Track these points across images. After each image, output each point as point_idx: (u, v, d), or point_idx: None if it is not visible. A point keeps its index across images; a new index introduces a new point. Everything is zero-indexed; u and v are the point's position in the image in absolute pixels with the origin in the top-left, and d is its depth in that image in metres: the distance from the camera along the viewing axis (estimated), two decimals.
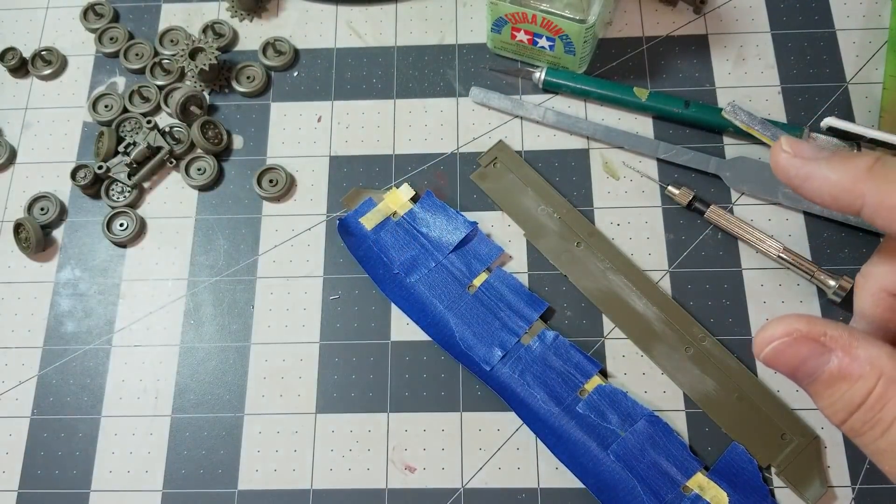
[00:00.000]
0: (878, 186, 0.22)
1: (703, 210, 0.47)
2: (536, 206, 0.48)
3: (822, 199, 0.23)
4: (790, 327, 0.22)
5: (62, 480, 0.44)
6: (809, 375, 0.22)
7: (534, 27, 0.48)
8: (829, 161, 0.23)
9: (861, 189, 0.22)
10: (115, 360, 0.47)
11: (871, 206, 0.22)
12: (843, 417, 0.22)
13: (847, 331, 0.22)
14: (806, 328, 0.22)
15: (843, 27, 0.52)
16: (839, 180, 0.22)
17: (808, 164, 0.23)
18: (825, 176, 0.23)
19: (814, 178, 0.23)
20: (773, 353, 0.23)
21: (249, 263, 0.49)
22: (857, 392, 0.22)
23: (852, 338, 0.22)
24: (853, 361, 0.22)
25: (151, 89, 0.53)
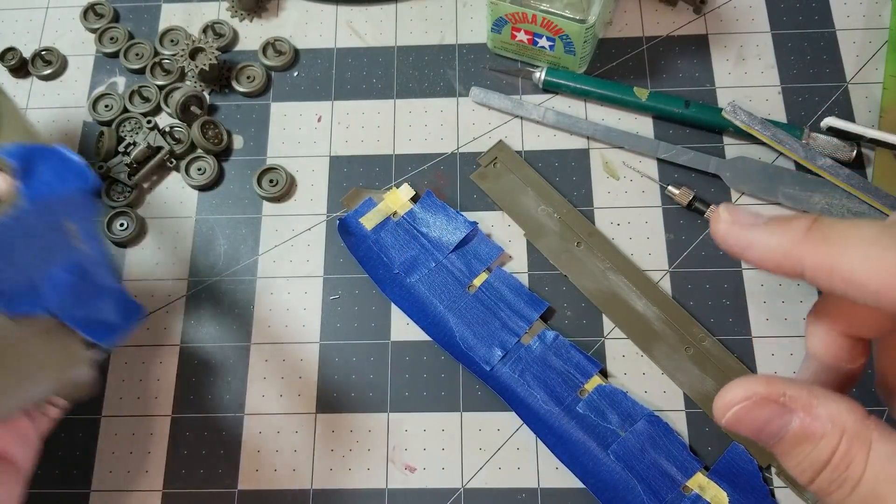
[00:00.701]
0: (816, 249, 0.21)
1: (703, 210, 0.47)
2: (536, 206, 0.48)
3: (766, 266, 0.23)
4: (749, 391, 0.22)
5: (62, 480, 0.44)
6: (773, 437, 0.22)
7: (534, 27, 0.48)
8: (768, 226, 0.23)
9: (800, 253, 0.21)
10: (115, 360, 0.47)
11: (811, 269, 0.21)
12: (811, 477, 0.22)
13: (806, 389, 0.22)
14: (765, 390, 0.22)
15: (844, 27, 0.52)
16: (779, 246, 0.22)
17: (747, 232, 0.23)
18: (765, 242, 0.22)
19: (754, 245, 0.23)
20: (734, 419, 0.22)
21: (249, 263, 0.49)
22: (821, 451, 0.21)
23: (812, 396, 0.22)
24: (814, 420, 0.21)
25: (151, 89, 0.53)
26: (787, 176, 0.48)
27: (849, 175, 0.47)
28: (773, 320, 0.45)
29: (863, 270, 0.20)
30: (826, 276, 0.21)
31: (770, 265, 0.22)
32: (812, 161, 0.47)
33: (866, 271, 0.20)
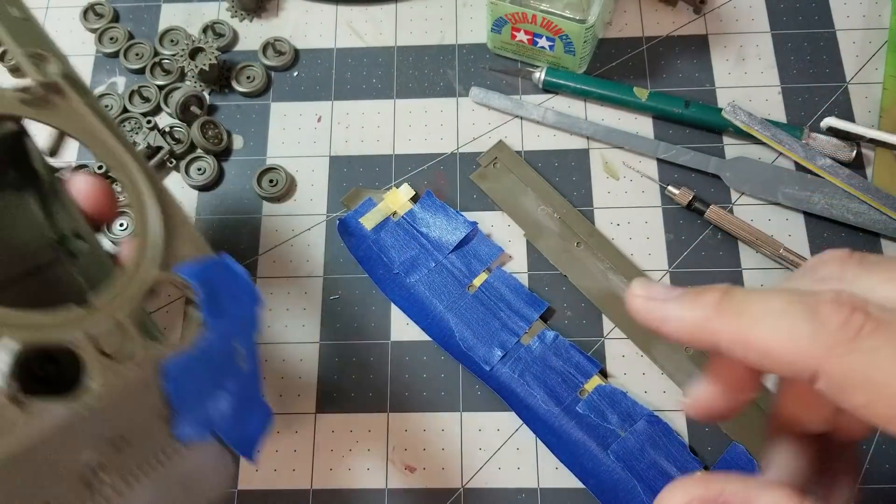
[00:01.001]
0: (728, 323, 0.21)
1: (702, 210, 0.47)
2: (536, 207, 0.48)
3: (682, 340, 0.23)
4: (687, 496, 0.22)
5: None
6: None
7: (534, 27, 0.48)
8: (680, 301, 0.23)
9: (714, 327, 0.22)
10: None
11: (726, 342, 0.21)
12: None
13: (743, 482, 0.22)
14: (703, 491, 0.22)
15: (843, 27, 0.52)
16: (692, 320, 0.22)
17: (662, 306, 0.23)
18: (679, 317, 0.22)
19: (669, 320, 0.23)
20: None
21: (249, 263, 0.49)
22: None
23: (749, 488, 0.22)
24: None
25: (151, 89, 0.53)
26: (787, 176, 0.48)
27: (849, 175, 0.47)
28: None
29: (774, 343, 0.20)
30: (740, 348, 0.21)
31: (686, 339, 0.22)
32: (812, 161, 0.47)
33: (777, 344, 0.20)
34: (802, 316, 0.20)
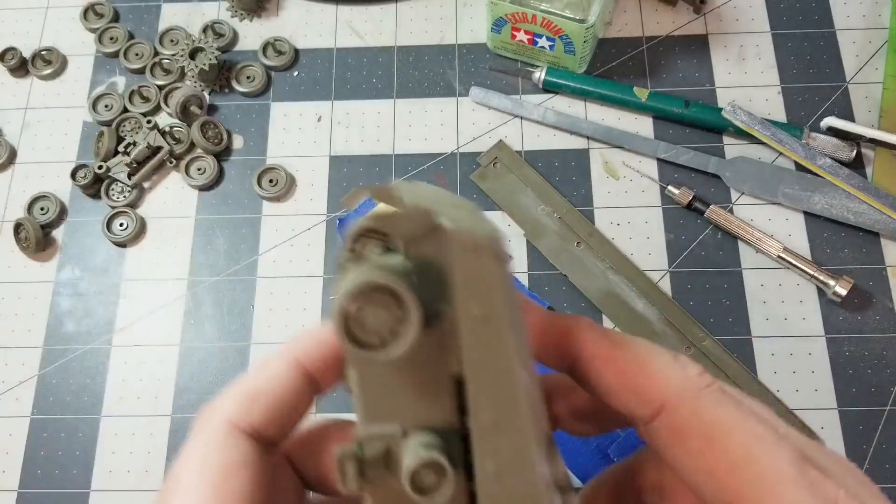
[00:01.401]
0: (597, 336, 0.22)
1: (702, 210, 0.47)
2: (536, 206, 0.48)
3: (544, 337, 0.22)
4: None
5: (62, 480, 0.44)
6: None
7: (534, 27, 0.48)
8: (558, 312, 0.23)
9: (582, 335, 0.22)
10: (115, 360, 0.47)
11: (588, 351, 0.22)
12: None
13: None
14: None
15: (843, 27, 0.52)
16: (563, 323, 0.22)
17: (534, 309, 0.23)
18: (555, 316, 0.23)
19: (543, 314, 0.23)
20: None
21: (249, 263, 0.49)
22: None
23: None
24: None
25: (151, 89, 0.53)
26: (787, 176, 0.48)
27: (849, 175, 0.47)
28: (773, 320, 0.45)
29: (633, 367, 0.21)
30: (599, 362, 0.21)
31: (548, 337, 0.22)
32: (812, 161, 0.47)
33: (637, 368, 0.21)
34: (665, 356, 0.21)
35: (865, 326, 0.45)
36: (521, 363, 0.19)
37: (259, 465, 0.21)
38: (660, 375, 0.21)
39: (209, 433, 0.21)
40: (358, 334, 0.17)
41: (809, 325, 0.45)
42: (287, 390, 0.22)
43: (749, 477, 0.19)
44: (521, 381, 0.18)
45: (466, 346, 0.18)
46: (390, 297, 0.17)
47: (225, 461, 0.20)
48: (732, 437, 0.19)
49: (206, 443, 0.21)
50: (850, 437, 0.43)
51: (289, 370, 0.22)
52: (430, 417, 0.19)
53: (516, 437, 0.18)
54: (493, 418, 0.18)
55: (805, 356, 0.44)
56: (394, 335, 0.17)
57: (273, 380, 0.22)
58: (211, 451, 0.20)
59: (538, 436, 0.19)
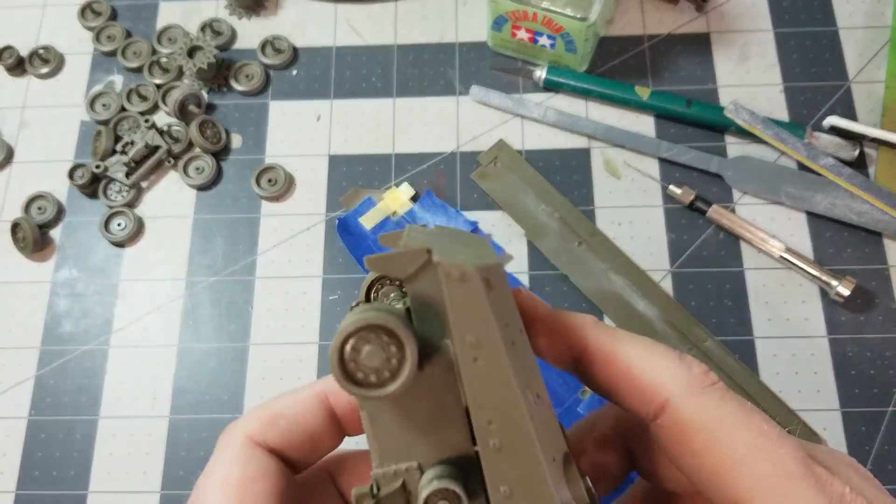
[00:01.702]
0: (602, 333, 0.22)
1: (704, 209, 0.47)
2: (537, 206, 0.48)
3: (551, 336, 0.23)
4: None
5: (60, 481, 0.44)
6: None
7: (534, 25, 0.48)
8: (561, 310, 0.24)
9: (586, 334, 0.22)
10: (113, 360, 0.47)
11: (593, 349, 0.22)
12: None
13: None
14: None
15: (846, 25, 0.52)
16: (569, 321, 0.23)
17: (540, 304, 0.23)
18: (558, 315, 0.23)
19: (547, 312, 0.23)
20: None
21: (248, 263, 0.48)
22: None
23: None
24: None
25: (149, 88, 0.53)
26: (790, 175, 0.47)
27: (851, 174, 0.46)
28: (776, 321, 0.45)
29: (637, 364, 0.21)
30: (604, 360, 0.22)
31: (555, 336, 0.22)
32: (814, 160, 0.47)
33: (640, 365, 0.21)
34: (669, 354, 0.21)
35: (868, 327, 0.45)
36: (525, 384, 0.19)
37: (278, 477, 0.22)
38: (663, 373, 0.21)
39: (230, 448, 0.22)
40: (356, 374, 0.18)
41: (812, 325, 0.45)
42: (308, 419, 0.23)
43: (755, 474, 0.19)
44: (524, 401, 0.18)
45: (465, 371, 0.18)
46: (387, 336, 0.18)
47: (244, 473, 0.21)
48: (736, 435, 0.19)
49: (227, 457, 0.22)
50: (852, 439, 0.42)
51: (313, 402, 0.23)
52: (443, 450, 0.19)
53: (525, 458, 0.18)
54: (499, 440, 0.18)
55: (807, 357, 0.44)
56: (391, 373, 0.18)
57: (295, 406, 0.23)
58: (231, 464, 0.22)
59: (550, 454, 0.19)
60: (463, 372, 0.18)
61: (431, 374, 0.19)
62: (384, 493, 0.19)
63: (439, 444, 0.19)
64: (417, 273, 0.19)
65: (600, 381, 0.22)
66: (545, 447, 0.19)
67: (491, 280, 0.19)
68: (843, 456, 0.21)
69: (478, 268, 0.18)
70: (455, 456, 0.19)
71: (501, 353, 0.18)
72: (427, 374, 0.19)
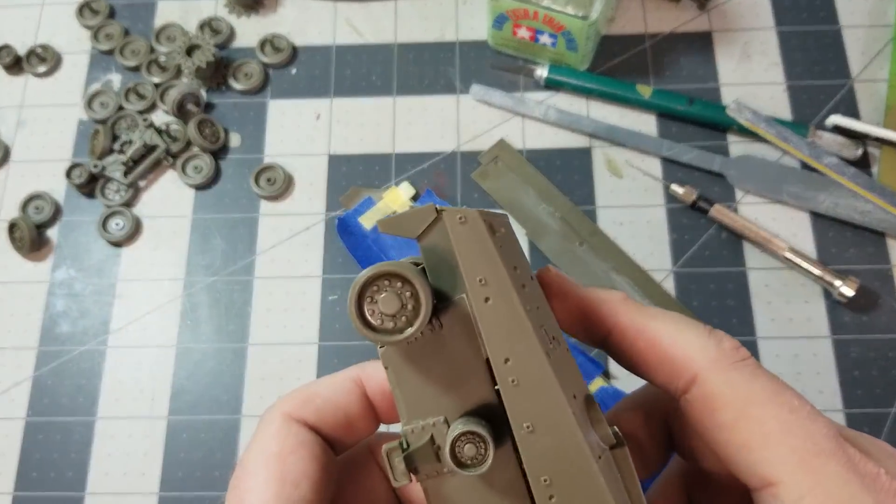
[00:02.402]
0: (631, 309, 0.22)
1: (707, 209, 0.46)
2: (538, 205, 0.48)
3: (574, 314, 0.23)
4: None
5: (57, 482, 0.44)
6: None
7: (535, 23, 0.48)
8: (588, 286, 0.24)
9: (615, 310, 0.22)
10: (111, 361, 0.46)
11: (623, 325, 0.22)
12: None
13: None
14: None
15: (849, 24, 0.52)
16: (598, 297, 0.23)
17: (569, 282, 0.23)
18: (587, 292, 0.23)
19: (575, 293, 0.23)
20: None
21: (247, 263, 0.48)
22: None
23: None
24: None
25: (147, 87, 0.53)
26: (792, 174, 0.47)
27: (854, 173, 0.46)
28: (779, 321, 0.45)
29: (667, 338, 0.21)
30: (633, 333, 0.22)
31: (583, 313, 0.23)
32: (817, 159, 0.46)
33: (670, 340, 0.21)
34: (698, 329, 0.21)
35: (872, 327, 0.44)
36: (539, 323, 0.20)
37: (315, 447, 0.22)
38: (692, 347, 0.21)
39: (269, 424, 0.23)
40: (373, 321, 0.19)
41: (815, 325, 0.44)
42: (342, 399, 0.23)
43: (784, 450, 0.18)
44: (538, 336, 0.19)
45: (478, 312, 0.19)
46: (401, 283, 0.19)
47: (283, 445, 0.22)
48: (766, 410, 0.19)
49: (267, 432, 0.23)
50: None
51: (347, 384, 0.23)
52: (468, 402, 0.20)
53: (544, 392, 0.19)
54: (516, 376, 0.19)
55: (810, 357, 0.44)
56: (408, 318, 0.19)
57: (331, 388, 0.23)
58: (271, 438, 0.23)
59: (571, 392, 0.19)
60: (477, 313, 0.19)
61: (449, 327, 0.20)
62: (414, 448, 0.20)
63: (463, 397, 0.20)
64: (428, 229, 0.20)
65: (630, 356, 0.22)
66: (564, 384, 0.19)
67: (494, 224, 0.20)
68: (883, 444, 0.20)
69: (480, 211, 0.19)
70: (479, 406, 0.20)
71: (510, 291, 0.19)
72: (445, 329, 0.20)
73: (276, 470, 0.22)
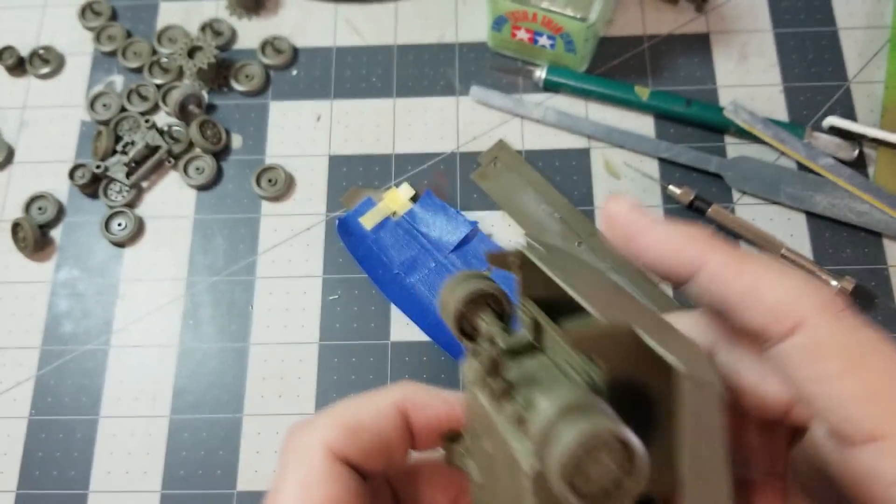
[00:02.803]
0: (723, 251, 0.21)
1: (704, 209, 0.47)
2: (537, 206, 0.48)
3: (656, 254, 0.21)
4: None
5: (60, 481, 0.44)
6: None
7: (534, 25, 0.48)
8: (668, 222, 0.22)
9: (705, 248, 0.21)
10: (114, 360, 0.47)
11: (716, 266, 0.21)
12: None
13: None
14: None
15: (846, 26, 0.52)
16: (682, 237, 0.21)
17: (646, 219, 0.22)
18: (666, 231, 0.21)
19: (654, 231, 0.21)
20: None
21: (248, 263, 0.48)
22: None
23: None
24: None
25: (150, 88, 0.53)
26: (789, 175, 0.47)
27: (851, 174, 0.46)
28: None
29: (767, 282, 0.20)
30: (729, 275, 0.20)
31: (664, 255, 0.21)
32: (814, 160, 0.47)
33: (770, 283, 0.20)
34: (799, 274, 0.20)
35: None
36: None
37: (360, 497, 0.20)
38: (798, 292, 0.19)
39: (309, 461, 0.20)
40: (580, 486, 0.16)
41: None
42: (388, 432, 0.21)
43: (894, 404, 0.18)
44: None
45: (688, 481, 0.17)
46: (618, 445, 0.16)
47: (328, 493, 0.20)
48: (875, 362, 0.18)
49: (307, 472, 0.20)
50: None
51: (394, 413, 0.21)
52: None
53: None
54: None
55: None
56: (617, 487, 0.16)
57: (375, 416, 0.21)
58: (313, 481, 0.20)
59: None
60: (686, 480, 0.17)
61: None
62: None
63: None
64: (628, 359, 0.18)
65: (722, 297, 0.20)
66: None
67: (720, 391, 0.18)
68: None
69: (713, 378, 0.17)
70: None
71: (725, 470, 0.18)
72: None
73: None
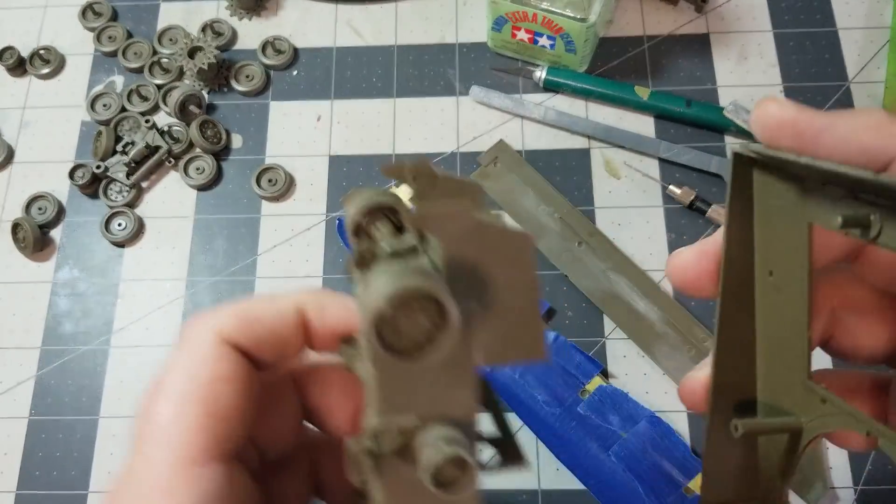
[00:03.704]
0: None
1: (704, 209, 0.47)
2: (537, 206, 0.48)
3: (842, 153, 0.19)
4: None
5: (60, 481, 0.44)
6: None
7: (534, 26, 0.48)
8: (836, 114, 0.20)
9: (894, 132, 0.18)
10: (114, 360, 0.47)
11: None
12: None
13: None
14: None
15: (845, 26, 0.52)
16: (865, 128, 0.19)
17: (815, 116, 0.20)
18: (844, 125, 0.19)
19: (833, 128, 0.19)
20: None
21: (248, 263, 0.48)
22: None
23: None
24: None
25: (150, 88, 0.53)
26: None
27: None
28: None
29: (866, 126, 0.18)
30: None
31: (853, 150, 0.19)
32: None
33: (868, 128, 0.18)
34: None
35: None
36: None
37: (247, 380, 0.20)
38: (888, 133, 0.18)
39: (199, 344, 0.20)
40: (391, 340, 0.17)
41: None
42: (283, 329, 0.21)
43: None
44: None
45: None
46: (430, 304, 0.17)
47: (214, 372, 0.20)
48: None
49: (196, 353, 0.20)
50: None
51: (292, 314, 0.21)
52: (449, 410, 0.19)
53: None
54: None
55: None
56: (430, 342, 0.17)
57: (274, 314, 0.21)
58: (202, 361, 0.20)
59: None
60: None
61: None
62: (386, 449, 0.18)
63: (446, 406, 0.19)
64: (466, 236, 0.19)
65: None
66: None
67: None
68: None
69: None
70: (457, 419, 0.19)
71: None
72: None
73: (206, 401, 0.19)
